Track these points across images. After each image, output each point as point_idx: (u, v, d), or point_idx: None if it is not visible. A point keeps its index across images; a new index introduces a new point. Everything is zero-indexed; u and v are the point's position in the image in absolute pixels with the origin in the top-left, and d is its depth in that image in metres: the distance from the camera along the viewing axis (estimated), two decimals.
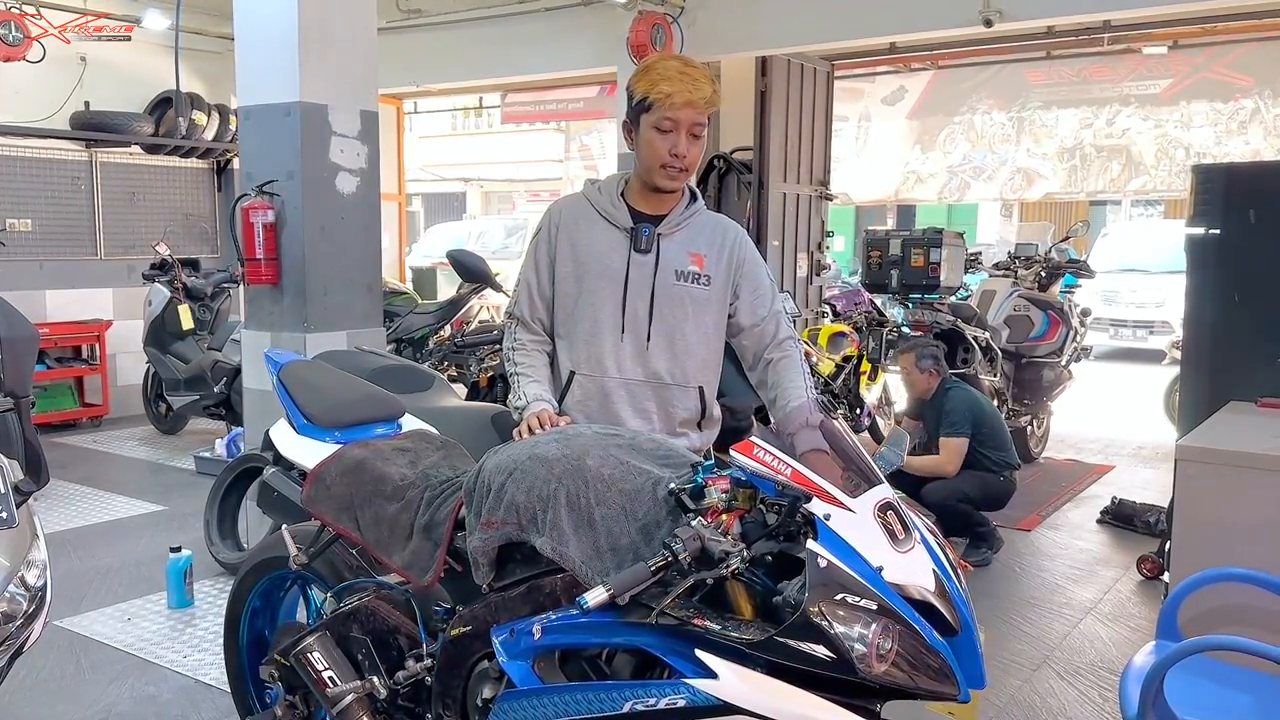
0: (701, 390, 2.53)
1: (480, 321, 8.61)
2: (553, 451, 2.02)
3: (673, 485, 1.89)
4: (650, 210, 2.44)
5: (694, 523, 1.76)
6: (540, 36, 8.27)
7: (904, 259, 6.76)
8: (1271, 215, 3.50)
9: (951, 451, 4.98)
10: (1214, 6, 6.97)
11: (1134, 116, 10.16)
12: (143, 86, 8.36)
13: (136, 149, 8.42)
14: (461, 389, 6.26)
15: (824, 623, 1.59)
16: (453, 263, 4.04)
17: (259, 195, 4.55)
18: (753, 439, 1.83)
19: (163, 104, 8.30)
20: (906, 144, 11.92)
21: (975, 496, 4.93)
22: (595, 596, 1.68)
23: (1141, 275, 12.35)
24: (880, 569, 1.66)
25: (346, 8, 4.65)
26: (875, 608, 1.62)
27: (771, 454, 1.77)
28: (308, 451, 2.59)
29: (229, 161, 8.94)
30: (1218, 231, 3.57)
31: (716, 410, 2.63)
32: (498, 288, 4.44)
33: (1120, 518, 5.56)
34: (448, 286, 9.90)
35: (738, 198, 8.75)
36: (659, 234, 2.42)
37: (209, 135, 8.53)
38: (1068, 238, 8.20)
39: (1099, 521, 5.65)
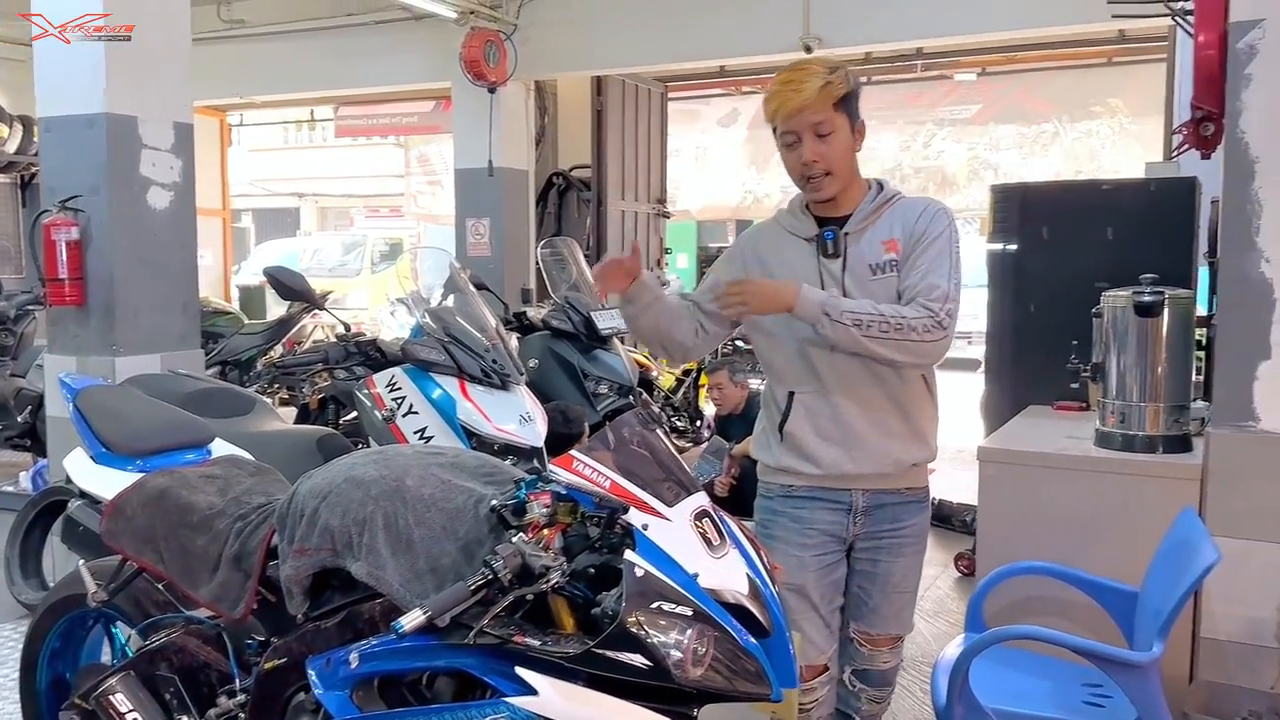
0: (924, 378, 2.34)
1: (314, 341, 8.34)
2: (370, 473, 1.97)
3: (494, 502, 1.87)
4: (836, 213, 2.30)
5: (515, 539, 1.75)
6: (371, 50, 8.11)
7: None
8: (1063, 232, 3.77)
9: None
10: (1016, 36, 7.48)
11: (948, 139, 10.78)
12: None
13: None
14: (293, 411, 6.04)
15: (640, 632, 1.60)
16: (270, 281, 3.89)
17: (61, 211, 4.28)
18: (572, 452, 1.84)
19: None
20: (743, 163, 12.27)
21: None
22: (411, 620, 1.64)
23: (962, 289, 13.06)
24: (696, 575, 1.69)
25: (157, 15, 4.43)
26: (691, 614, 1.64)
27: (591, 467, 1.78)
28: (106, 482, 2.44)
29: (34, 176, 8.38)
30: (1014, 247, 3.82)
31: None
32: (321, 306, 4.31)
33: (939, 517, 5.84)
34: (277, 306, 9.56)
35: (577, 214, 8.80)
36: (845, 234, 2.27)
37: (11, 148, 8.01)
38: None
39: None
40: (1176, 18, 3.15)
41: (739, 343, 7.24)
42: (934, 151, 10.77)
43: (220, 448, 2.74)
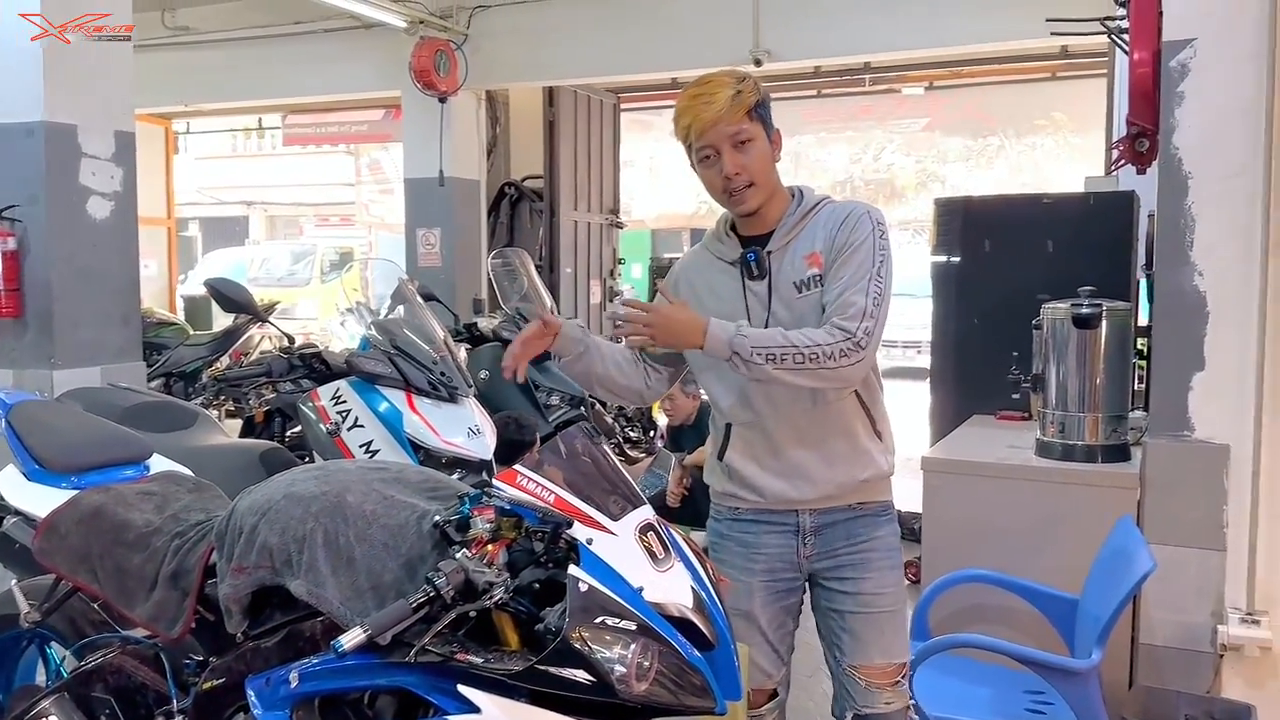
0: (859, 395, 2.19)
1: (261, 352, 8.22)
2: (310, 489, 1.94)
3: (438, 518, 1.85)
4: (761, 230, 2.19)
5: (458, 555, 1.73)
6: (319, 58, 8.04)
7: None
8: (1004, 244, 3.83)
9: None
10: (960, 52, 7.61)
11: (897, 152, 10.93)
12: None
13: None
14: (238, 424, 5.95)
15: (584, 647, 1.59)
16: (211, 293, 3.82)
17: None
18: (516, 467, 1.83)
19: None
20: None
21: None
22: (352, 638, 1.62)
23: (909, 299, 13.24)
24: (641, 589, 1.68)
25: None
26: (635, 628, 1.64)
27: (535, 481, 1.77)
28: (39, 499, 2.38)
29: None
30: (958, 259, 3.88)
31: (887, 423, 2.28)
32: (264, 319, 4.26)
33: None
34: (224, 316, 9.41)
35: (529, 225, 8.78)
36: (769, 253, 2.16)
37: None
38: None
39: None
40: (1113, 36, 3.23)
41: None
42: (884, 164, 10.92)
43: (159, 463, 2.68)
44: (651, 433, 7.14)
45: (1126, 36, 2.95)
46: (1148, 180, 3.27)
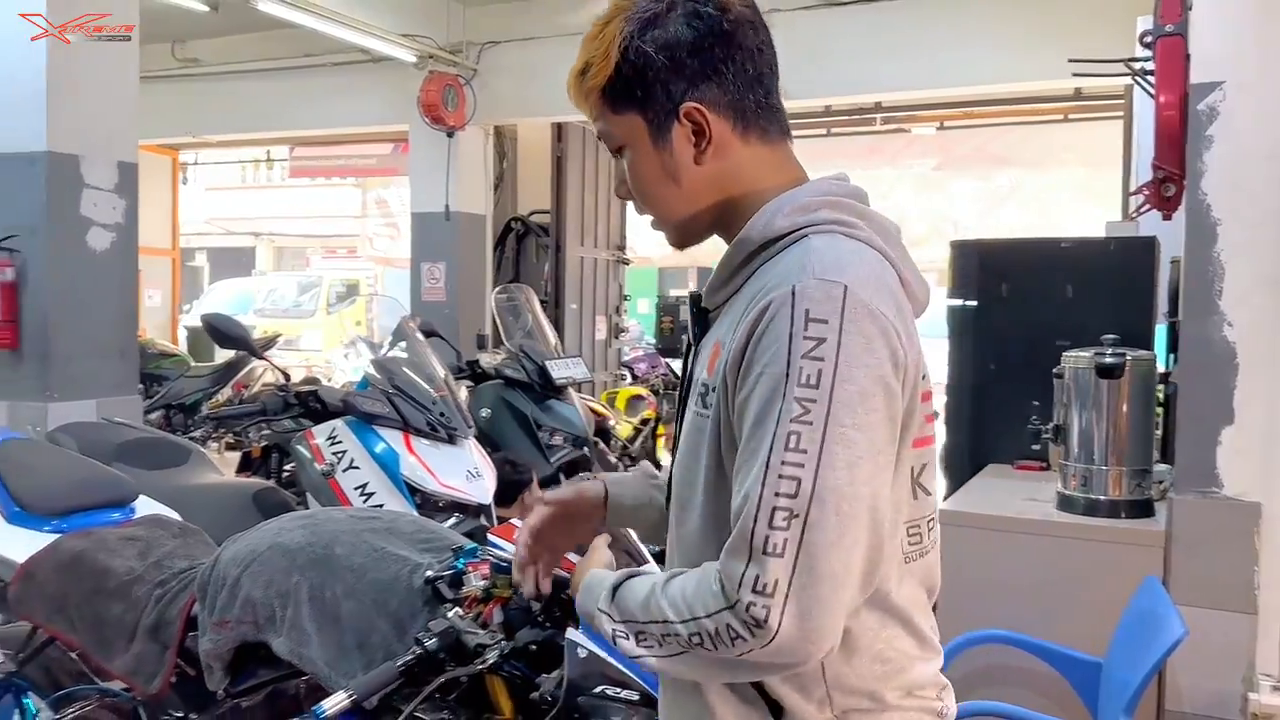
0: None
1: (263, 385, 8.15)
2: (297, 539, 1.85)
3: (430, 573, 1.76)
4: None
5: (450, 614, 1.64)
6: (329, 91, 8.05)
7: None
8: (1022, 289, 3.74)
9: None
10: (973, 93, 7.57)
11: (908, 192, 10.90)
12: None
13: None
14: (236, 458, 5.86)
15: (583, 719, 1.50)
16: (208, 329, 3.76)
17: None
18: (514, 521, 1.74)
19: None
20: None
21: None
22: (335, 704, 1.53)
23: (922, 340, 13.19)
24: None
25: (103, 53, 4.34)
26: (638, 697, 1.55)
27: None
28: (18, 543, 2.29)
29: None
30: (974, 303, 3.79)
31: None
32: (259, 355, 4.19)
33: None
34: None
35: (535, 260, 8.73)
36: (709, 314, 1.25)
37: None
38: None
39: None
40: (1137, 78, 3.16)
41: None
42: (894, 204, 10.90)
43: (145, 505, 2.59)
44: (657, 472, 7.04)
45: (1151, 78, 2.88)
46: (1168, 226, 3.19)
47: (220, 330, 3.63)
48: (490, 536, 1.73)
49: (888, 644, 1.14)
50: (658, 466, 5.70)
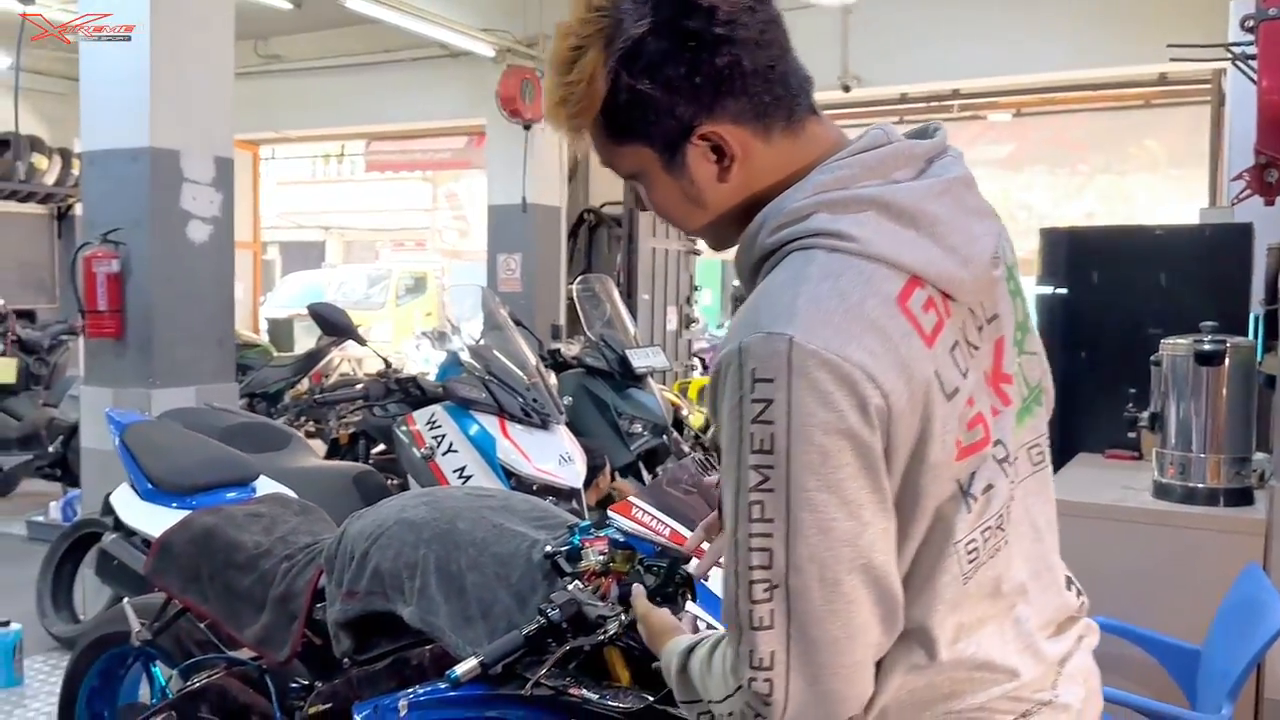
0: None
1: (341, 374, 8.34)
2: (421, 515, 1.92)
3: (548, 548, 1.82)
4: None
5: (570, 587, 1.70)
6: (406, 85, 8.20)
7: None
8: (1113, 277, 3.71)
9: None
10: (1052, 79, 7.45)
11: (982, 179, 10.71)
12: None
13: None
14: (321, 445, 6.02)
15: None
16: (314, 316, 3.90)
17: (102, 244, 4.30)
18: (631, 499, 1.80)
19: (0, 146, 7.82)
20: None
21: None
22: (466, 668, 1.59)
23: None
24: None
25: (202, 52, 4.49)
26: None
27: (650, 514, 1.74)
28: (153, 519, 2.41)
29: (70, 207, 8.47)
30: (1065, 291, 3.76)
31: None
32: (361, 341, 4.31)
33: None
34: (306, 338, 9.59)
35: (607, 251, 8.81)
36: None
37: (49, 180, 8.07)
38: None
39: None
40: (1238, 62, 3.11)
41: None
42: None
43: (264, 485, 2.71)
44: None
45: (1253, 63, 2.84)
46: (1265, 212, 3.13)
47: (326, 319, 3.76)
48: (610, 513, 1.78)
49: (968, 678, 1.07)
50: None
